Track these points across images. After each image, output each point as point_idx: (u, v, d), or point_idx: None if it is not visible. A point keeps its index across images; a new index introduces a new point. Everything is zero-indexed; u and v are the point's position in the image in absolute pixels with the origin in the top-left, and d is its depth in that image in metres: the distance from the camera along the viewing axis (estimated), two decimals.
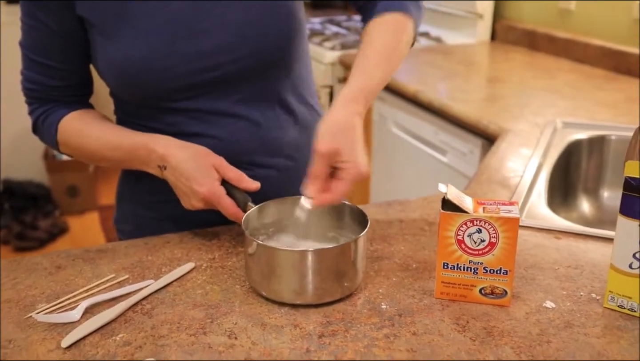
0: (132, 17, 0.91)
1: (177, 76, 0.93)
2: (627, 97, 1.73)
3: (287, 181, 1.02)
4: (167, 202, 0.99)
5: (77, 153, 1.03)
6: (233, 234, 0.97)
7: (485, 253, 0.77)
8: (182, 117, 0.97)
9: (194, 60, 0.93)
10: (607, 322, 0.76)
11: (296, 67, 1.02)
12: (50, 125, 1.01)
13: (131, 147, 0.95)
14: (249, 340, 0.72)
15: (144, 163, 0.95)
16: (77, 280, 0.85)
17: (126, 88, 0.96)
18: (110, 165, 1.03)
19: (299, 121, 1.04)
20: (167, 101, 0.96)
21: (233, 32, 0.93)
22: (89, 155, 1.02)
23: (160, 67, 0.92)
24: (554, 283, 0.84)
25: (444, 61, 2.20)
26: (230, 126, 0.98)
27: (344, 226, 0.88)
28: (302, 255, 0.77)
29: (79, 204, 3.31)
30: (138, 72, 0.92)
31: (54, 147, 1.04)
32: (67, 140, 1.00)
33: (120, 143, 0.96)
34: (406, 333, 0.74)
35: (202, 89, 0.95)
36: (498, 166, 1.26)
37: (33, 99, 1.03)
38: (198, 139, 0.96)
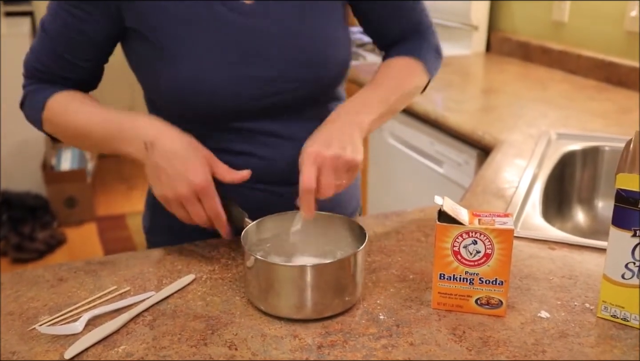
0: (196, 39, 0.92)
1: (238, 101, 0.94)
2: (619, 107, 1.75)
3: (332, 198, 1.04)
4: None
5: (60, 130, 0.98)
6: (233, 247, 0.98)
7: (481, 264, 0.79)
8: (232, 136, 0.98)
9: (257, 86, 0.94)
10: (601, 331, 0.77)
11: (342, 88, 1.07)
12: (39, 100, 0.98)
13: (119, 120, 0.92)
14: (249, 351, 0.74)
15: (126, 140, 0.90)
16: (79, 292, 0.86)
17: (179, 106, 0.95)
18: (90, 146, 0.99)
19: None
20: (218, 121, 0.96)
21: (298, 60, 0.95)
22: (72, 131, 0.97)
23: (222, 91, 0.93)
24: (548, 293, 0.85)
25: (439, 72, 2.22)
26: (280, 147, 0.99)
27: (341, 240, 0.89)
28: (301, 270, 0.79)
29: (77, 215, 3.31)
30: (197, 94, 0.93)
31: (37, 123, 1.00)
32: (52, 115, 0.97)
33: (107, 118, 0.93)
34: (404, 344, 0.75)
35: (258, 112, 0.97)
36: (493, 177, 1.28)
37: (34, 78, 1.00)
38: (246, 157, 0.97)
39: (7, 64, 3.02)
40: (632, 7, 1.90)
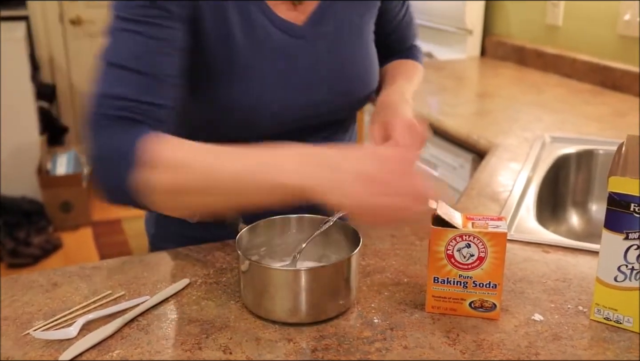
0: (252, 61, 0.91)
1: (280, 121, 0.95)
2: (613, 111, 1.76)
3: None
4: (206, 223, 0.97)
5: (177, 178, 0.75)
6: (228, 251, 0.98)
7: (475, 267, 0.79)
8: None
9: (301, 109, 0.96)
10: (594, 334, 0.78)
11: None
12: (129, 142, 0.76)
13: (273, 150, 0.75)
14: (243, 355, 0.74)
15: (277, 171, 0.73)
16: (73, 297, 0.86)
17: (220, 123, 0.93)
18: (225, 193, 0.76)
19: None
20: (249, 139, 0.93)
21: (340, 87, 0.99)
22: (201, 175, 0.75)
23: (266, 112, 0.93)
24: (542, 296, 0.86)
25: (434, 76, 2.23)
26: None
27: (335, 243, 0.90)
28: (295, 274, 0.79)
29: (72, 220, 3.31)
30: (245, 115, 0.92)
31: (123, 180, 0.75)
32: (162, 156, 0.75)
33: (252, 150, 0.75)
34: (398, 347, 0.75)
35: (295, 131, 0.97)
36: (488, 181, 1.29)
37: (112, 120, 0.79)
38: None
39: (2, 69, 3.02)
40: (625, 11, 1.91)
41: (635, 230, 0.74)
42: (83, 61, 3.97)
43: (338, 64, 0.99)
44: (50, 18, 3.86)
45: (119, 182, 0.76)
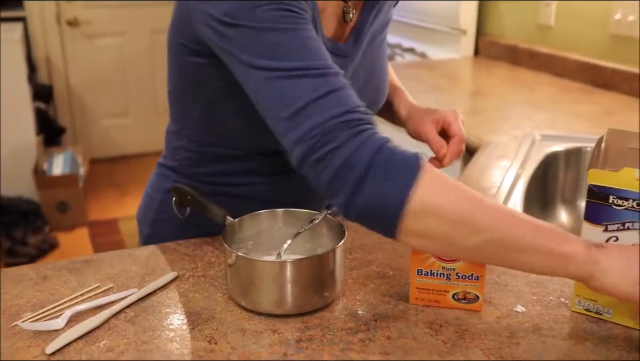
0: None
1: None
2: (603, 109, 1.77)
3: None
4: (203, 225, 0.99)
5: (475, 211, 0.71)
6: (216, 245, 0.99)
7: (457, 259, 0.80)
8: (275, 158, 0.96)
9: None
10: (574, 325, 0.79)
11: None
12: (407, 159, 0.72)
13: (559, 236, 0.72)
14: (228, 345, 0.75)
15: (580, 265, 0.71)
16: (62, 290, 0.87)
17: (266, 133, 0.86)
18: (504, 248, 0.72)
19: None
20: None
21: (370, 95, 1.01)
22: (494, 220, 0.71)
23: None
24: (525, 289, 0.87)
25: (428, 76, 2.25)
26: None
27: (321, 237, 0.91)
28: (281, 266, 0.80)
29: (68, 220, 3.32)
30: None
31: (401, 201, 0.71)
32: (440, 192, 0.71)
33: (539, 221, 0.73)
34: (381, 337, 0.76)
35: None
36: (477, 177, 1.30)
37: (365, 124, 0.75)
38: (285, 176, 0.99)
39: (0, 70, 3.03)
40: (616, 10, 1.92)
41: (614, 222, 0.75)
42: (80, 62, 3.98)
43: (368, 76, 1.02)
44: (47, 19, 3.87)
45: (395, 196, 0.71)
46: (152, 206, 1.09)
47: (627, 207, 0.74)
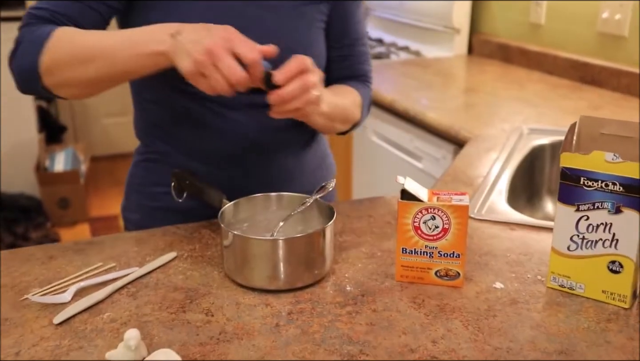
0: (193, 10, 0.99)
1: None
2: (590, 105, 1.83)
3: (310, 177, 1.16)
4: (167, 194, 1.07)
5: (65, 54, 0.91)
6: (213, 228, 1.05)
7: (439, 238, 0.85)
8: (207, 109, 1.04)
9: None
10: (549, 299, 0.84)
11: None
12: (44, 31, 0.93)
13: (134, 29, 0.91)
14: (223, 317, 0.80)
15: (147, 39, 0.88)
16: (67, 268, 0.92)
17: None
18: (102, 64, 0.90)
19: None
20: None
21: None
22: (81, 50, 0.91)
23: None
24: (504, 268, 0.92)
25: (421, 73, 2.30)
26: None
27: (312, 220, 0.96)
28: (273, 243, 0.85)
29: (70, 216, 3.37)
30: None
31: (35, 59, 0.92)
32: (59, 40, 0.91)
33: (120, 31, 0.93)
34: (367, 310, 0.81)
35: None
36: (464, 168, 1.35)
37: (36, 19, 0.96)
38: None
39: (2, 69, 3.08)
40: (604, 10, 1.98)
41: (585, 202, 0.81)
42: None
43: (265, 34, 0.97)
44: None
45: (29, 63, 0.93)
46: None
47: (596, 188, 0.79)
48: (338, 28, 1.13)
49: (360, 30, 1.17)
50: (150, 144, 1.13)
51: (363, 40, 1.18)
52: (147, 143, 1.14)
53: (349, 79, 1.17)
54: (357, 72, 1.18)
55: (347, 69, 1.16)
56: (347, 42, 1.15)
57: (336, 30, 1.14)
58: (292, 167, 1.13)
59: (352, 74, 1.17)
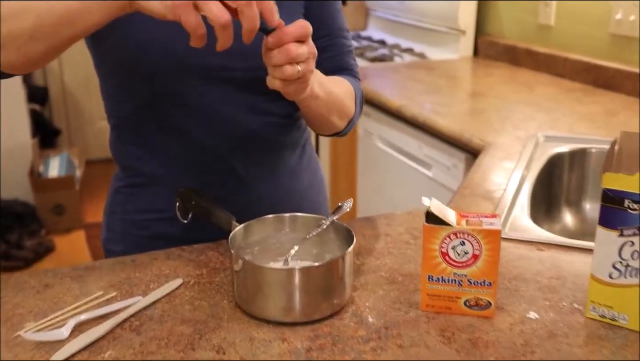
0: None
1: (182, 64, 0.93)
2: (605, 110, 1.76)
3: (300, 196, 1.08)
4: (160, 220, 1.00)
5: (11, 3, 0.77)
6: (221, 250, 0.98)
7: (469, 265, 0.79)
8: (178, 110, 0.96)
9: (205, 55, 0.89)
10: (589, 331, 0.77)
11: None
12: None
13: None
14: (237, 355, 0.73)
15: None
16: (65, 298, 0.85)
17: (122, 63, 0.92)
18: (41, 11, 0.75)
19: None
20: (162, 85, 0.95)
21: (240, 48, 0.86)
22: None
23: (168, 50, 0.91)
24: (537, 294, 0.85)
25: (427, 76, 2.23)
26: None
27: (329, 243, 0.89)
28: (289, 273, 0.78)
29: (65, 223, 3.29)
30: (142, 51, 0.90)
31: None
32: None
33: None
34: (392, 346, 0.75)
35: (214, 84, 0.94)
36: (481, 180, 1.28)
37: None
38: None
39: None
40: (617, 10, 1.91)
41: (629, 226, 0.74)
42: (75, 64, 3.95)
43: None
44: None
45: None
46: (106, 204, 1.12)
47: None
48: (314, 18, 1.01)
49: (338, 20, 1.06)
50: (132, 166, 1.03)
51: (342, 32, 1.07)
52: (128, 166, 1.04)
53: (333, 73, 1.04)
54: (339, 65, 1.06)
55: (328, 61, 1.04)
56: (324, 33, 1.04)
57: (312, 20, 1.00)
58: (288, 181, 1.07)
59: (335, 67, 1.05)
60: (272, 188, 1.04)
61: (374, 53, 2.65)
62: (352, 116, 1.04)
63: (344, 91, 1.01)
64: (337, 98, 0.97)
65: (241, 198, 1.01)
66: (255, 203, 1.01)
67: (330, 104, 0.95)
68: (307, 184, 1.10)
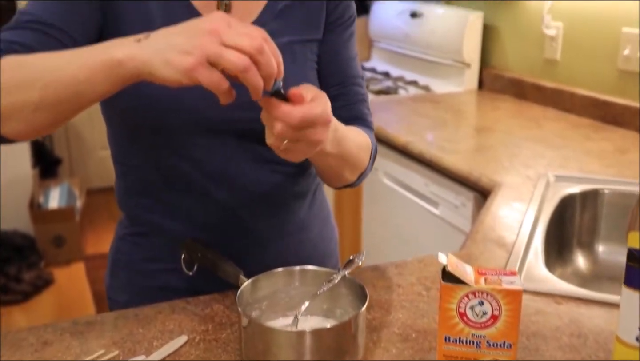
0: None
1: (202, 120, 0.91)
2: (616, 147, 1.74)
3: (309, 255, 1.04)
4: (166, 271, 0.97)
5: (9, 78, 0.74)
6: (227, 303, 0.94)
7: (488, 326, 0.75)
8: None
9: (211, 108, 0.87)
10: None
11: None
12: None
13: (100, 44, 0.74)
14: None
15: (105, 47, 0.72)
16: (65, 357, 0.82)
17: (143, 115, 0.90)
18: (49, 82, 0.73)
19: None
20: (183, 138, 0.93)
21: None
22: (26, 71, 0.74)
23: (187, 107, 0.89)
24: (557, 354, 0.82)
25: (432, 110, 2.22)
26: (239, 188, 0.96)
27: (339, 297, 0.86)
28: (299, 336, 0.75)
29: (64, 255, 3.25)
30: (164, 108, 0.89)
31: None
32: (10, 59, 0.76)
33: (83, 48, 0.76)
34: None
35: (231, 138, 0.93)
36: (493, 223, 1.25)
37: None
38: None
39: None
40: (625, 46, 1.90)
41: None
42: None
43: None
44: None
45: None
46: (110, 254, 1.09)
47: None
48: (327, 65, 1.01)
49: (352, 68, 1.03)
50: (138, 215, 1.01)
51: (356, 80, 1.03)
52: (134, 215, 1.01)
53: (345, 122, 0.97)
54: (352, 114, 1.02)
55: (341, 110, 0.99)
56: (337, 81, 1.01)
57: (326, 67, 1.01)
58: (298, 227, 1.04)
59: (347, 116, 1.00)
60: (282, 240, 1.01)
61: (379, 85, 2.63)
62: (365, 169, 1.00)
63: (360, 146, 0.96)
64: (352, 154, 0.93)
65: (249, 250, 0.98)
66: (264, 254, 0.98)
67: (343, 160, 0.92)
68: (317, 233, 1.07)
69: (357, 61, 1.05)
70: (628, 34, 1.89)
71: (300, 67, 0.96)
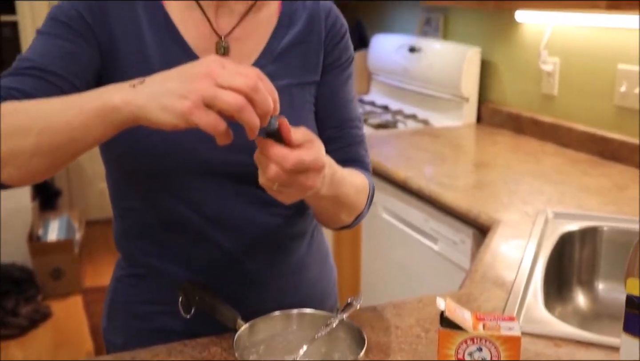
0: None
1: (200, 161, 0.91)
2: (614, 183, 1.74)
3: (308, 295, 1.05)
4: (163, 313, 0.96)
5: (4, 124, 0.74)
6: (224, 346, 0.93)
7: None
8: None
9: (207, 150, 0.90)
10: None
11: None
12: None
13: (94, 90, 0.75)
14: None
15: (99, 93, 0.73)
16: None
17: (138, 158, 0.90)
18: (43, 129, 0.73)
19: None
20: (178, 180, 0.93)
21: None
22: (21, 118, 0.74)
23: (184, 149, 0.90)
24: None
25: (431, 144, 2.23)
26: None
27: (337, 341, 0.85)
28: None
29: (63, 287, 3.23)
30: (159, 151, 0.89)
31: None
32: (7, 106, 0.76)
33: (78, 94, 0.76)
34: None
35: (230, 180, 0.93)
36: (492, 261, 1.25)
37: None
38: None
39: None
40: (621, 83, 1.92)
41: None
42: None
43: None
44: None
45: None
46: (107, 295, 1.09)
47: None
48: (325, 107, 1.01)
49: (350, 111, 1.03)
50: (136, 257, 1.00)
51: (354, 122, 1.03)
52: (132, 257, 1.01)
53: (341, 164, 0.96)
54: (349, 156, 1.02)
55: (337, 152, 0.99)
56: (334, 124, 1.02)
57: (323, 109, 1.01)
58: (296, 267, 1.03)
59: (344, 158, 1.00)
60: (280, 281, 1.00)
61: (378, 119, 2.65)
62: (362, 211, 1.00)
63: (358, 188, 0.96)
64: (349, 197, 0.92)
65: (247, 291, 0.98)
66: (262, 295, 0.98)
67: (339, 203, 0.92)
68: (316, 273, 1.07)
69: (355, 103, 1.05)
70: (624, 70, 1.91)
71: (298, 110, 0.97)
